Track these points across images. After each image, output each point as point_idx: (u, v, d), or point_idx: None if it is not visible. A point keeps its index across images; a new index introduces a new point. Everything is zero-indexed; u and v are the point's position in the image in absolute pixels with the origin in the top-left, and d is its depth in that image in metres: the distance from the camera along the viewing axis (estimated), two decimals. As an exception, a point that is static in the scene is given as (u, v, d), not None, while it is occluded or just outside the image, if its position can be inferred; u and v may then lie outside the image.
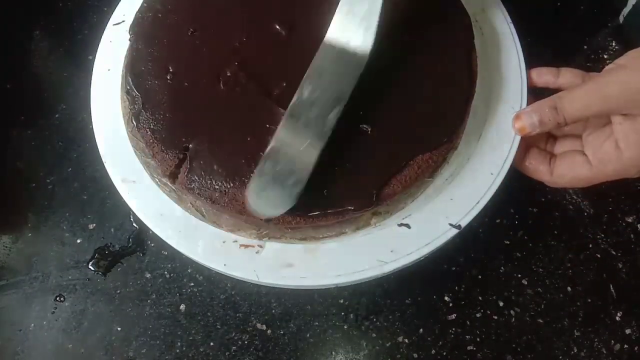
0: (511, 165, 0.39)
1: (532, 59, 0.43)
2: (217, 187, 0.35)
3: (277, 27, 0.39)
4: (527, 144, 0.40)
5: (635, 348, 0.43)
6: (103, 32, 0.45)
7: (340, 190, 0.35)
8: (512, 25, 0.43)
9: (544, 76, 0.42)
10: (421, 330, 0.43)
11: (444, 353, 0.43)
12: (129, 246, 0.46)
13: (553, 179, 0.39)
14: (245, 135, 0.36)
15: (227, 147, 0.36)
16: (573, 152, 0.39)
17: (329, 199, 0.34)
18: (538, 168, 0.39)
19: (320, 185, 0.34)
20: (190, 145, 0.36)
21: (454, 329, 0.43)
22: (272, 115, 0.36)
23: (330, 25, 0.37)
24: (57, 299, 0.45)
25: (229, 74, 0.38)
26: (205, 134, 0.36)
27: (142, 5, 0.42)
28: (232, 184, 0.35)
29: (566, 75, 0.41)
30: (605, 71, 0.36)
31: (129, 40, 0.40)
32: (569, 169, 0.38)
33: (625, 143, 0.35)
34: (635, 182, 0.48)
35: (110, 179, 0.39)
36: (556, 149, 0.41)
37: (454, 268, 0.44)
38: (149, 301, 0.44)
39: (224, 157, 0.36)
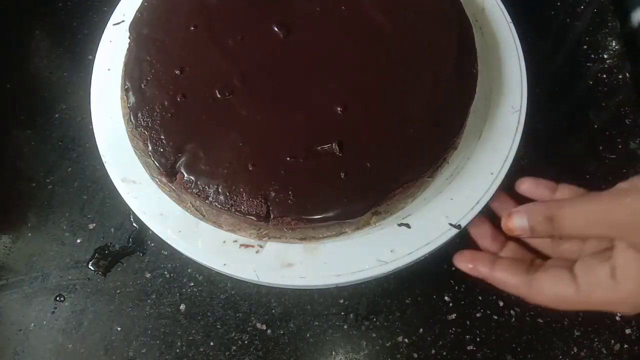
0: (511, 165, 0.39)
1: (532, 59, 0.43)
2: (215, 187, 0.35)
3: (275, 28, 0.39)
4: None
5: (635, 348, 0.43)
6: (103, 32, 0.45)
7: (341, 194, 0.35)
8: (512, 25, 0.43)
9: (539, 189, 0.37)
10: (421, 330, 0.43)
11: (444, 353, 0.43)
12: (129, 246, 0.46)
13: (531, 293, 0.34)
14: (242, 136, 0.36)
15: (225, 147, 0.36)
16: (559, 268, 0.34)
17: (330, 202, 0.35)
18: (514, 278, 0.34)
19: (321, 188, 0.34)
20: (189, 145, 0.36)
21: (454, 329, 0.43)
22: (270, 115, 0.37)
23: None
24: (57, 299, 0.45)
25: (228, 75, 0.38)
26: (203, 134, 0.36)
27: (141, 4, 0.42)
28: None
29: (564, 193, 0.37)
30: (613, 191, 0.32)
31: (129, 39, 0.40)
32: (551, 286, 0.33)
33: (623, 274, 0.31)
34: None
35: (110, 178, 0.39)
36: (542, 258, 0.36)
37: (453, 268, 0.44)
38: (149, 301, 0.44)
39: (222, 157, 0.36)
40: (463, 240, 0.38)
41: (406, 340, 0.43)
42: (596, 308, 0.32)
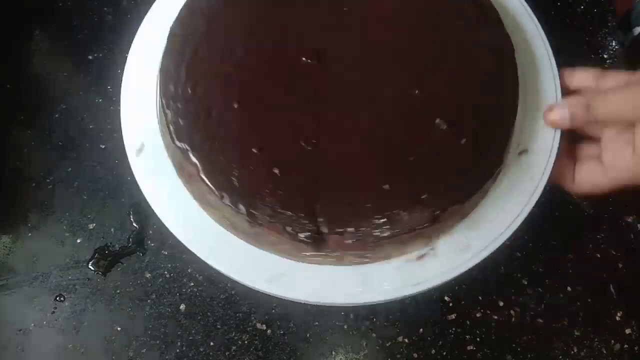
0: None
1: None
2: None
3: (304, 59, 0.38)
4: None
5: (635, 348, 0.43)
6: (102, 32, 0.44)
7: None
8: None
9: (580, 77, 0.41)
10: (421, 330, 0.43)
11: (444, 353, 0.43)
12: (129, 246, 0.46)
13: (575, 186, 0.39)
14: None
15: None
16: (591, 159, 0.39)
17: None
18: (563, 175, 0.39)
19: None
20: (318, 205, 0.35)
21: (454, 329, 0.43)
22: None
23: None
24: (57, 299, 0.45)
25: (311, 128, 0.37)
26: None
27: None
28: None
29: (608, 82, 0.40)
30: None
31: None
32: (587, 177, 0.39)
33: None
34: (635, 182, 0.48)
35: (108, 176, 0.39)
36: (579, 152, 0.40)
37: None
38: (149, 301, 0.44)
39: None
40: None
41: (406, 340, 0.43)
42: (629, 185, 0.37)
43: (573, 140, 0.41)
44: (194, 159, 0.36)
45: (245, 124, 0.37)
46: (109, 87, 0.51)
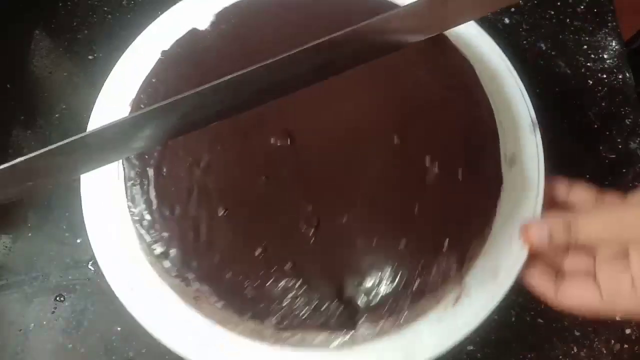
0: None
1: (532, 59, 0.43)
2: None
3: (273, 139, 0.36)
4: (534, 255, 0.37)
5: (635, 348, 0.43)
6: (102, 32, 0.44)
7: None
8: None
9: (555, 190, 0.40)
10: (421, 330, 0.43)
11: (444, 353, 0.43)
12: (129, 246, 0.46)
13: (557, 299, 0.36)
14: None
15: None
16: (584, 277, 0.36)
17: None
18: (543, 284, 0.37)
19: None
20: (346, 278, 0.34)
21: (454, 329, 0.43)
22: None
23: None
24: (57, 299, 0.45)
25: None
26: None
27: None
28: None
29: (579, 193, 0.39)
30: (628, 200, 0.35)
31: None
32: (577, 295, 0.35)
33: None
34: (635, 182, 0.48)
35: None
36: (566, 264, 0.38)
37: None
38: (149, 301, 0.44)
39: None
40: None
41: (406, 340, 0.43)
42: (621, 315, 0.35)
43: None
44: (200, 286, 0.34)
45: (238, 228, 0.35)
46: (109, 87, 0.51)
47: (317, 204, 0.35)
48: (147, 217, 0.35)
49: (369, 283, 0.34)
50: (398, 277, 0.34)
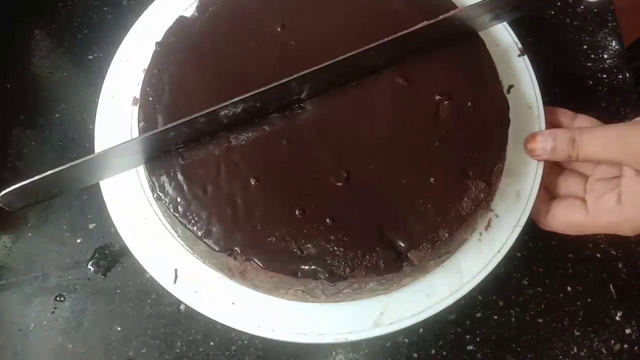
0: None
1: (532, 60, 0.43)
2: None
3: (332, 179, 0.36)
4: None
5: (635, 348, 0.43)
6: (102, 32, 0.44)
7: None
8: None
9: (559, 117, 0.41)
10: (421, 330, 0.43)
11: (444, 353, 0.43)
12: (129, 246, 0.46)
13: (547, 219, 0.38)
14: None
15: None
16: (573, 197, 0.38)
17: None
18: (537, 207, 0.38)
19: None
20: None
21: (454, 329, 0.43)
22: None
23: None
24: (57, 299, 0.45)
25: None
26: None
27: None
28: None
29: (582, 122, 0.40)
30: (630, 123, 0.36)
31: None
32: (564, 212, 0.38)
33: (628, 199, 0.35)
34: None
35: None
36: (559, 186, 0.40)
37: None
38: (149, 301, 0.44)
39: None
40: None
41: (406, 340, 0.43)
42: (603, 231, 0.37)
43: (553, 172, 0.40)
44: (247, 257, 0.34)
45: (273, 194, 0.35)
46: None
47: (343, 158, 0.36)
48: (181, 201, 0.36)
49: (407, 222, 0.35)
50: (433, 210, 0.35)
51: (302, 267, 0.34)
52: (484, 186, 0.35)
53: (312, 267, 0.34)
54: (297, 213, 0.35)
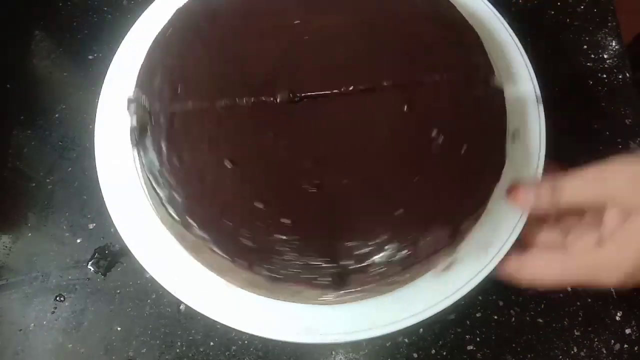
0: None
1: (532, 60, 0.43)
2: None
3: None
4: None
5: (635, 348, 0.43)
6: (102, 32, 0.44)
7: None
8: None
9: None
10: (421, 330, 0.43)
11: (444, 353, 0.43)
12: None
13: (519, 271, 0.37)
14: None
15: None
16: (547, 249, 0.37)
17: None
18: (508, 260, 0.37)
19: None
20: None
21: (454, 329, 0.43)
22: None
23: None
24: (57, 299, 0.45)
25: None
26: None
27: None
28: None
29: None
30: (609, 161, 0.35)
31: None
32: (540, 257, 0.36)
33: (609, 240, 0.33)
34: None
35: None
36: (538, 237, 0.39)
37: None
38: (149, 301, 0.44)
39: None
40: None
41: (406, 340, 0.43)
42: (580, 277, 0.34)
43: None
44: (200, 233, 0.34)
45: (242, 180, 0.35)
46: (109, 87, 0.51)
47: (322, 166, 0.36)
48: (156, 164, 0.36)
49: (362, 247, 0.34)
50: (390, 244, 0.34)
51: (248, 257, 0.33)
52: (447, 235, 0.34)
53: (256, 260, 0.33)
54: (259, 205, 0.34)
